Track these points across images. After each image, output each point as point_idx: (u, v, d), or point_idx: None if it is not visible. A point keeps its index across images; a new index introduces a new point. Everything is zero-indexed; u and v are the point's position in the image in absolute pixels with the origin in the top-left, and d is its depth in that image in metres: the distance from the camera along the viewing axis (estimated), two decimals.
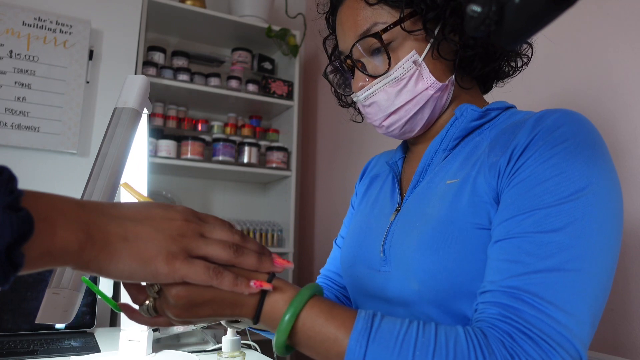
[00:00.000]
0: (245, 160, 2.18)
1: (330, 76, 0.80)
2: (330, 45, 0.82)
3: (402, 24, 0.66)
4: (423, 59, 0.67)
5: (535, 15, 0.32)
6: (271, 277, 0.50)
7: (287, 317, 0.48)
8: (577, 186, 0.53)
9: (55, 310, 0.50)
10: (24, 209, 0.35)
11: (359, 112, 0.86)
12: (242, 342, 0.91)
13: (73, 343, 1.04)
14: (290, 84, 2.30)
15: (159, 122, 2.14)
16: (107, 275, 0.42)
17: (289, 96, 2.29)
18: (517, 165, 0.57)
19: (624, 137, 1.05)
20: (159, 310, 0.48)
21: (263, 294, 0.49)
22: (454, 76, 0.70)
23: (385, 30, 0.66)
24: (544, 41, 0.74)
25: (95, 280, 1.16)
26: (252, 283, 0.47)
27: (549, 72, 1.23)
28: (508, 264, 0.52)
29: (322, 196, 2.38)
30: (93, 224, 0.40)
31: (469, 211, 0.59)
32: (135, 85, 0.73)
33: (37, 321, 0.50)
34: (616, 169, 0.58)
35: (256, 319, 0.49)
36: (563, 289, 0.49)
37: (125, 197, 0.87)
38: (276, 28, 2.25)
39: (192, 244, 0.45)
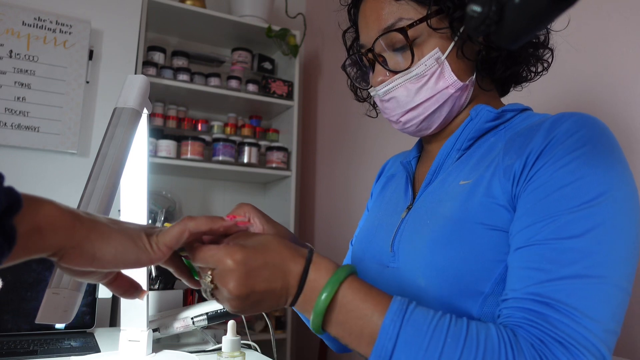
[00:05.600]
0: (245, 160, 2.18)
1: (348, 69, 0.80)
2: (350, 38, 0.82)
3: (429, 21, 0.66)
4: (445, 58, 0.67)
5: (535, 15, 0.32)
6: (310, 252, 0.51)
7: (329, 288, 0.49)
8: (597, 192, 0.52)
9: (55, 310, 0.50)
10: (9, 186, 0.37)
11: (374, 107, 0.86)
12: (242, 342, 0.91)
13: (73, 343, 1.04)
14: (290, 84, 2.30)
15: (159, 122, 2.14)
16: (102, 257, 0.44)
17: (289, 96, 2.29)
18: (534, 171, 0.57)
19: (628, 137, 1.05)
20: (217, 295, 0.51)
21: (307, 263, 0.50)
22: (474, 76, 0.70)
23: (411, 25, 0.66)
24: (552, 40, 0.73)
25: (94, 287, 1.16)
26: (225, 217, 0.51)
27: (553, 71, 1.22)
28: (530, 271, 0.52)
29: (322, 196, 2.38)
30: (78, 210, 0.44)
31: (481, 212, 0.59)
32: (135, 85, 0.74)
33: (37, 321, 0.50)
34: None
35: (300, 287, 0.50)
36: (587, 296, 0.49)
37: (124, 197, 0.87)
38: (276, 28, 2.25)
39: (161, 231, 0.50)
